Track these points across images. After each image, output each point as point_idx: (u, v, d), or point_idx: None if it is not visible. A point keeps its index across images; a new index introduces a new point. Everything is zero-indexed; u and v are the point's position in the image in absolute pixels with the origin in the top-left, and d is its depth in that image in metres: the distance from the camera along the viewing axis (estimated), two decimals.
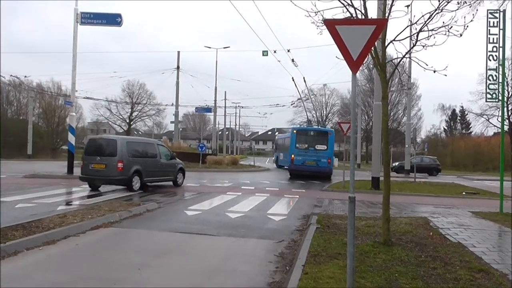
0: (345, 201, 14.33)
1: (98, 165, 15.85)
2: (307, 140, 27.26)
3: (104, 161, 15.80)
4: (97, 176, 15.95)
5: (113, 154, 15.77)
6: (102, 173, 15.79)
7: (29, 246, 7.07)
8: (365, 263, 6.37)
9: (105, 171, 15.73)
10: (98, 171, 15.82)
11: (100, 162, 15.83)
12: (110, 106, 68.59)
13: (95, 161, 15.90)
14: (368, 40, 5.38)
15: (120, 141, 16.49)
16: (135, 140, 19.53)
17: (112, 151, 15.88)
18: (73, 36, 22.74)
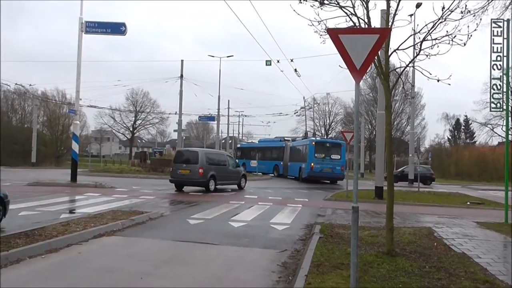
0: (348, 211, 14.28)
1: (184, 170, 20.57)
2: (324, 151, 31.77)
3: (189, 167, 20.48)
4: (183, 179, 20.70)
5: (195, 162, 20.39)
6: (187, 177, 20.54)
7: (32, 254, 7.06)
8: (368, 273, 6.32)
9: (190, 175, 20.44)
10: (184, 175, 20.57)
11: (185, 168, 20.55)
12: (114, 115, 68.97)
13: (182, 167, 20.65)
14: (371, 49, 5.39)
15: (201, 152, 21.44)
16: (211, 151, 24.58)
17: (194, 160, 20.53)
18: (77, 45, 22.87)
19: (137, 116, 70.16)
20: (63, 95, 57.93)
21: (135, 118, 70.18)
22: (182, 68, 39.25)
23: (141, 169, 34.43)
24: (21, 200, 14.52)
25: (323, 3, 7.69)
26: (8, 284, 5.66)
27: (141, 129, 72.61)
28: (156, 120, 71.98)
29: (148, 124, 72.55)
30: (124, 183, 24.36)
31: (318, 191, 23.94)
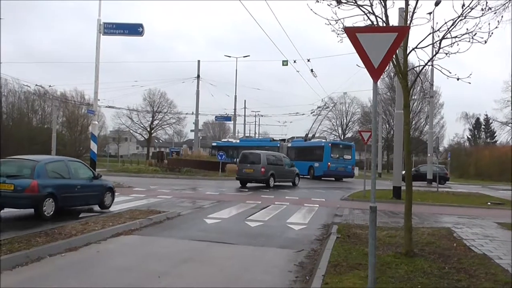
0: (365, 211, 14.18)
1: (248, 170, 24.41)
2: (338, 151, 35.15)
3: (252, 167, 24.24)
4: (247, 177, 24.58)
5: (258, 163, 24.17)
6: (251, 175, 24.39)
7: (52, 252, 7.16)
8: (386, 274, 6.26)
9: (253, 174, 24.29)
10: (248, 174, 24.45)
11: (250, 168, 24.37)
12: (131, 115, 69.47)
13: (247, 167, 24.52)
14: (389, 47, 5.34)
15: (263, 154, 25.13)
16: (270, 153, 26.94)
17: (257, 160, 24.31)
18: (96, 46, 23.11)
19: (154, 116, 70.61)
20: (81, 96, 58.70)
21: (152, 118, 70.66)
22: (198, 68, 39.46)
23: (158, 169, 34.68)
24: None
25: (341, 2, 7.63)
26: (29, 282, 5.75)
27: (158, 129, 73.11)
28: (173, 120, 72.36)
29: (165, 124, 72.98)
30: (141, 182, 24.54)
31: (335, 191, 23.81)
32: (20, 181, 10.48)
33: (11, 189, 10.25)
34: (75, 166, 12.66)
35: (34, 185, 10.44)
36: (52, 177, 11.26)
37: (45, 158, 12.68)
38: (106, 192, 13.08)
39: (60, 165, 12.10)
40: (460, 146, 64.45)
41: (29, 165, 11.04)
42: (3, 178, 10.38)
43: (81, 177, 12.36)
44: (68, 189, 11.57)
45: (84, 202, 12.55)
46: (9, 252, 6.73)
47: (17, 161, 11.75)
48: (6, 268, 6.16)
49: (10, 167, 11.08)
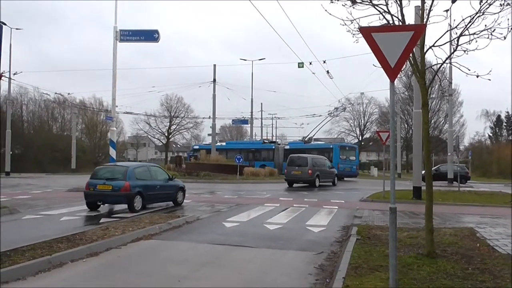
0: (385, 212, 14.03)
1: (296, 172, 27.15)
2: (345, 153, 38.48)
3: (300, 169, 27.03)
4: (295, 178, 27.52)
5: (305, 165, 26.92)
6: (298, 176, 27.26)
7: (74, 258, 7.24)
8: (408, 275, 6.17)
9: (301, 175, 27.08)
10: (296, 175, 27.26)
11: (298, 170, 27.11)
12: (149, 120, 70.05)
13: (295, 169, 27.22)
14: (406, 46, 5.28)
15: (309, 157, 27.77)
16: (315, 157, 29.70)
17: (305, 163, 27.02)
18: (112, 53, 23.41)
19: (172, 121, 71.06)
20: (100, 102, 59.44)
21: (170, 123, 71.10)
22: (214, 72, 39.61)
23: (176, 173, 34.83)
24: (62, 205, 14.99)
25: (355, 1, 7.59)
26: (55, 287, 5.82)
27: (176, 134, 73.47)
28: (190, 125, 72.70)
29: (182, 129, 73.36)
30: None
31: (354, 192, 23.64)
32: (116, 182, 13.60)
33: (110, 189, 13.53)
34: (154, 170, 15.74)
35: (127, 185, 13.52)
36: (139, 179, 14.22)
37: (133, 164, 16.66)
38: (179, 191, 16.02)
39: (144, 169, 15.19)
40: (481, 144, 63.37)
41: (121, 170, 14.15)
42: (103, 180, 13.72)
43: (159, 179, 15.32)
44: (151, 189, 14.52)
45: (162, 199, 15.52)
46: (32, 258, 6.82)
47: (112, 167, 15.07)
48: (29, 274, 6.25)
49: (107, 172, 14.35)
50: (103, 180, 13.78)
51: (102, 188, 13.59)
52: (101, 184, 13.64)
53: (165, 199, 15.66)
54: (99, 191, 13.66)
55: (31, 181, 30.38)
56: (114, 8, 23.18)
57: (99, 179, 13.96)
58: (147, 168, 15.43)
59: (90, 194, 13.86)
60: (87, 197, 13.98)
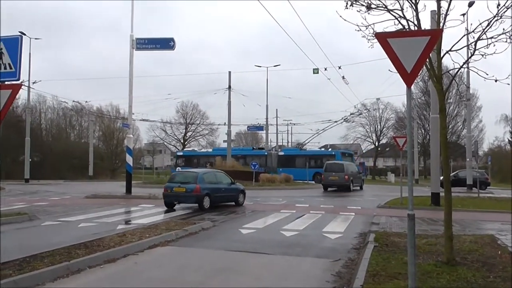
0: (403, 218, 13.86)
1: (333, 177, 29.77)
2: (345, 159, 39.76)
3: (337, 175, 29.58)
4: (332, 183, 30.04)
5: (342, 171, 29.70)
6: (335, 182, 29.83)
7: (91, 264, 7.30)
8: (427, 283, 6.08)
9: (338, 180, 29.64)
10: (333, 181, 29.91)
11: (334, 176, 29.71)
12: (165, 127, 70.59)
13: (332, 175, 29.86)
14: (422, 51, 5.24)
15: (345, 164, 31.43)
16: (348, 163, 32.98)
17: (341, 169, 29.94)
18: (129, 61, 23.70)
19: (188, 128, 71.53)
20: (116, 110, 60.07)
21: (185, 130, 71.59)
22: (229, 79, 39.71)
23: None
24: (80, 212, 15.14)
25: (371, 7, 7.57)
26: None
27: (192, 141, 73.80)
28: (206, 132, 73.11)
29: (198, 135, 73.77)
30: None
31: (371, 198, 23.44)
32: (189, 185, 16.36)
33: (184, 191, 16.33)
34: (219, 175, 18.66)
35: (197, 188, 16.21)
36: (207, 183, 16.92)
37: (202, 170, 19.67)
38: (240, 193, 18.66)
39: (211, 174, 18.17)
40: (501, 149, 62.19)
41: (193, 175, 17.11)
42: (178, 184, 16.67)
43: (223, 183, 18.10)
44: (217, 191, 17.23)
45: (226, 200, 18.08)
46: (51, 265, 6.89)
47: (185, 173, 18.64)
48: (47, 280, 6.32)
49: (182, 177, 17.65)
50: (178, 183, 16.72)
51: (177, 190, 16.50)
52: (177, 186, 16.59)
53: (228, 200, 18.22)
54: (175, 192, 16.56)
55: (49, 188, 30.78)
56: (131, 17, 23.51)
57: (175, 182, 16.97)
58: (213, 174, 18.42)
59: (168, 195, 16.78)
60: (165, 197, 16.91)
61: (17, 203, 18.28)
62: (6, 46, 6.62)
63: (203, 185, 16.54)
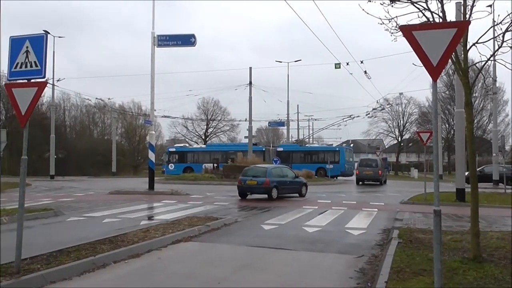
0: (427, 214, 13.69)
1: (368, 172, 33.08)
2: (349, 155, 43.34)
3: (371, 170, 33.01)
4: (366, 178, 33.18)
5: (376, 166, 33.33)
6: (370, 176, 33.08)
7: (116, 259, 7.39)
8: (453, 280, 5.97)
9: (371, 175, 33.05)
10: (368, 175, 33.13)
11: (369, 170, 33.03)
12: (186, 124, 71.00)
13: (366, 170, 33.05)
14: (448, 44, 5.12)
15: (378, 159, 35.45)
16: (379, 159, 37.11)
17: (375, 165, 33.60)
18: (150, 58, 23.88)
19: (209, 124, 71.81)
20: (139, 107, 60.67)
21: (206, 126, 71.85)
22: (250, 75, 39.67)
23: (214, 176, 35.14)
24: (104, 208, 15.36)
25: (394, 0, 7.44)
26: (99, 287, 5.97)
27: (213, 137, 74.10)
28: (227, 128, 73.27)
29: (219, 131, 74.01)
30: (198, 190, 24.99)
31: (394, 194, 23.19)
32: (260, 179, 19.39)
33: (255, 184, 19.38)
34: (285, 169, 21.91)
35: (267, 181, 19.16)
36: (275, 176, 19.87)
37: (270, 166, 23.29)
38: (302, 186, 21.23)
39: (278, 169, 21.38)
40: None
41: (263, 170, 20.20)
42: (250, 177, 19.70)
43: (289, 176, 20.96)
44: (283, 183, 20.05)
45: (291, 191, 20.63)
46: (77, 259, 7.00)
47: (256, 168, 21.19)
48: (74, 275, 6.42)
49: (253, 171, 20.40)
50: (250, 177, 19.69)
51: (249, 183, 19.49)
52: (249, 179, 19.56)
53: (293, 191, 20.72)
54: (248, 184, 19.55)
55: (74, 184, 31.31)
56: (152, 14, 23.70)
57: (248, 176, 19.86)
58: (280, 169, 21.71)
59: (241, 186, 19.88)
60: (239, 188, 20.04)
61: (43, 199, 18.65)
62: (32, 44, 6.72)
63: (271, 178, 19.33)
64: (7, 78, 7.14)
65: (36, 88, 6.62)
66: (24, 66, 6.74)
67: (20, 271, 6.13)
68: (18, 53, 6.77)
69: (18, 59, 6.77)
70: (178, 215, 13.31)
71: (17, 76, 6.83)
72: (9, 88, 6.75)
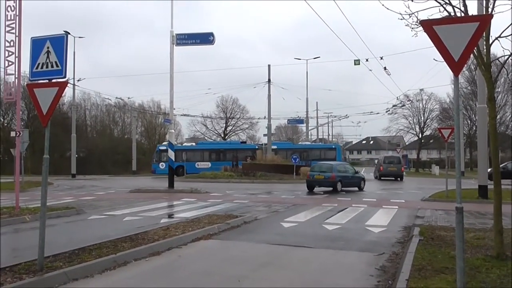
0: (449, 212, 13.51)
1: (392, 168, 35.73)
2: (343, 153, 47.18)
3: (395, 166, 35.79)
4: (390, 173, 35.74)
5: (399, 163, 36.13)
6: (393, 172, 35.76)
7: (137, 257, 7.46)
8: (476, 278, 5.87)
9: (396, 171, 35.59)
10: (392, 171, 35.66)
11: (393, 167, 35.72)
12: (205, 122, 71.26)
13: (390, 166, 35.65)
14: (470, 38, 5.03)
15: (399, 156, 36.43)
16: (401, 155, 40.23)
17: (398, 161, 36.32)
18: (169, 57, 24.05)
19: (228, 122, 71.98)
20: (158, 106, 61.23)
21: (225, 124, 72.03)
22: (269, 72, 39.69)
23: (233, 174, 35.24)
24: (125, 206, 15.54)
25: None
26: (120, 285, 6.03)
27: (232, 135, 74.27)
28: (246, 126, 73.30)
29: (238, 129, 74.04)
30: (217, 188, 25.09)
31: (415, 192, 22.94)
32: (327, 174, 22.87)
33: (322, 178, 22.90)
34: (347, 166, 25.97)
35: (333, 176, 22.65)
36: (339, 171, 23.32)
37: (335, 162, 27.37)
38: (361, 180, 24.77)
39: (342, 166, 25.02)
40: None
41: (329, 166, 23.82)
42: (318, 172, 23.27)
43: (350, 172, 24.49)
44: (346, 178, 23.49)
45: (352, 185, 23.93)
46: (98, 257, 7.09)
47: (323, 164, 24.65)
48: (95, 272, 6.50)
49: (320, 167, 23.92)
50: (318, 172, 23.26)
51: (317, 177, 23.01)
52: (317, 174, 23.11)
53: (353, 185, 24.03)
54: (316, 179, 23.06)
55: (95, 183, 31.76)
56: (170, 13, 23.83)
57: (315, 171, 23.47)
58: (343, 165, 25.49)
59: (310, 180, 23.45)
60: (308, 182, 23.68)
61: (65, 198, 18.97)
62: (53, 45, 6.81)
63: (337, 173, 22.79)
64: (28, 78, 7.25)
65: (57, 88, 6.72)
66: (45, 67, 6.84)
67: (43, 269, 6.24)
68: (39, 54, 6.88)
69: (39, 60, 6.88)
70: (198, 213, 13.38)
71: (38, 77, 6.94)
72: (31, 88, 6.86)
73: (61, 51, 6.79)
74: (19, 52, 13.26)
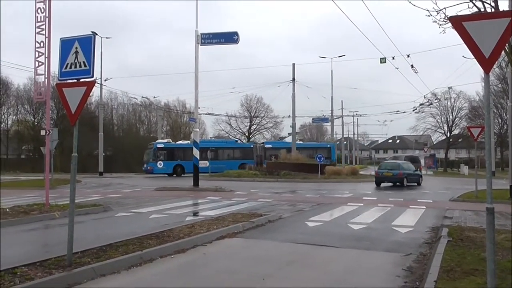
0: (479, 212, 13.22)
1: None
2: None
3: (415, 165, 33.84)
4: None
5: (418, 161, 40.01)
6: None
7: (163, 254, 7.54)
8: (507, 281, 5.71)
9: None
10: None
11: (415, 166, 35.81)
12: (230, 121, 71.53)
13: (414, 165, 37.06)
14: (502, 35, 4.89)
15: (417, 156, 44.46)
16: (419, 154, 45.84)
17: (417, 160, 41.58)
18: (194, 56, 24.21)
19: (252, 121, 72.08)
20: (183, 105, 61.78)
21: (250, 123, 72.15)
22: (293, 71, 39.61)
23: (257, 173, 35.25)
24: (151, 204, 15.72)
25: None
26: (143, 282, 6.10)
27: (256, 134, 74.36)
28: (270, 125, 73.31)
29: (262, 128, 74.10)
30: (242, 186, 25.14)
31: (442, 192, 22.52)
32: (395, 171, 26.52)
33: (391, 175, 26.41)
34: (409, 164, 29.69)
35: (400, 173, 26.28)
36: (404, 169, 27.01)
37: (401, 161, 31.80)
38: (419, 177, 28.52)
39: (405, 164, 28.91)
40: None
41: (396, 164, 28.14)
42: (386, 170, 26.90)
43: (411, 169, 27.93)
44: (409, 175, 26.91)
45: (413, 181, 27.31)
46: (125, 254, 7.19)
47: (390, 163, 29.67)
48: (122, 268, 6.59)
49: (388, 165, 28.07)
50: (386, 169, 26.95)
51: (386, 174, 26.52)
52: (385, 172, 26.65)
53: (414, 181, 27.43)
54: (384, 175, 26.49)
55: (121, 181, 32.26)
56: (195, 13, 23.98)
57: (383, 169, 27.10)
58: (407, 164, 29.24)
59: (378, 177, 26.83)
60: (377, 179, 26.98)
61: (92, 195, 19.32)
62: (81, 45, 6.94)
63: (403, 171, 26.47)
64: (58, 78, 7.39)
65: (85, 87, 6.84)
66: (74, 67, 6.97)
67: (71, 264, 6.36)
68: (68, 54, 7.01)
69: (68, 60, 7.01)
70: (223, 212, 13.43)
71: (67, 76, 7.07)
72: (60, 88, 7.00)
73: (89, 51, 6.90)
74: (49, 52, 13.58)
